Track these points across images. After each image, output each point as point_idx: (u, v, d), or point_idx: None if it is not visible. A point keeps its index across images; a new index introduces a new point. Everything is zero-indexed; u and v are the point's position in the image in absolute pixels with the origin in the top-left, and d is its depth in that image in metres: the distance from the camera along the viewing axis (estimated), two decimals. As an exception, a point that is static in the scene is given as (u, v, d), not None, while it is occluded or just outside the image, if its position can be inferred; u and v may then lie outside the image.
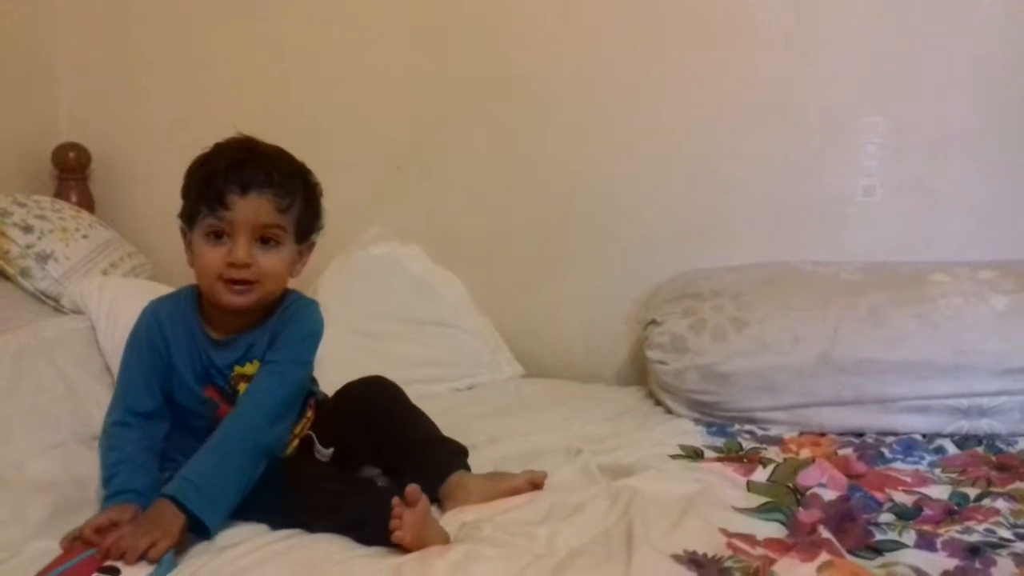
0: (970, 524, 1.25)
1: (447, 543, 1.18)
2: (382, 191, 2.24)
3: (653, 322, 1.87)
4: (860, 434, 1.65)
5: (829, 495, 1.33)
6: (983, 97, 1.92)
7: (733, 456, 1.53)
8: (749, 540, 1.18)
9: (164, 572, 1.09)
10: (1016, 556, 1.13)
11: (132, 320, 1.37)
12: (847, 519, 1.25)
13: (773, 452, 1.55)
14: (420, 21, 2.19)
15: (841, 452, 1.55)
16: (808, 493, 1.34)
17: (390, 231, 2.17)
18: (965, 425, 1.63)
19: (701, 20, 2.03)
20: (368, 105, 2.24)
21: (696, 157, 2.06)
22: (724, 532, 1.20)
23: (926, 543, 1.18)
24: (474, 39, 2.16)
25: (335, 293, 2.05)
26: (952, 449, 1.58)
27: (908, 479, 1.42)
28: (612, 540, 1.18)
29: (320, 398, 1.47)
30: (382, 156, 2.24)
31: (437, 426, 1.46)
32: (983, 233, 1.93)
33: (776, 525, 1.25)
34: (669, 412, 1.80)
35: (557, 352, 2.17)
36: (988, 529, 1.23)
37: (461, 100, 2.19)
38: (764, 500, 1.32)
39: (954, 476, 1.45)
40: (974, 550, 1.14)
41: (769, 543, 1.18)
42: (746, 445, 1.60)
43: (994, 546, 1.16)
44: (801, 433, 1.66)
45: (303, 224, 1.33)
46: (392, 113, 2.23)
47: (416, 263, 2.16)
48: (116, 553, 1.09)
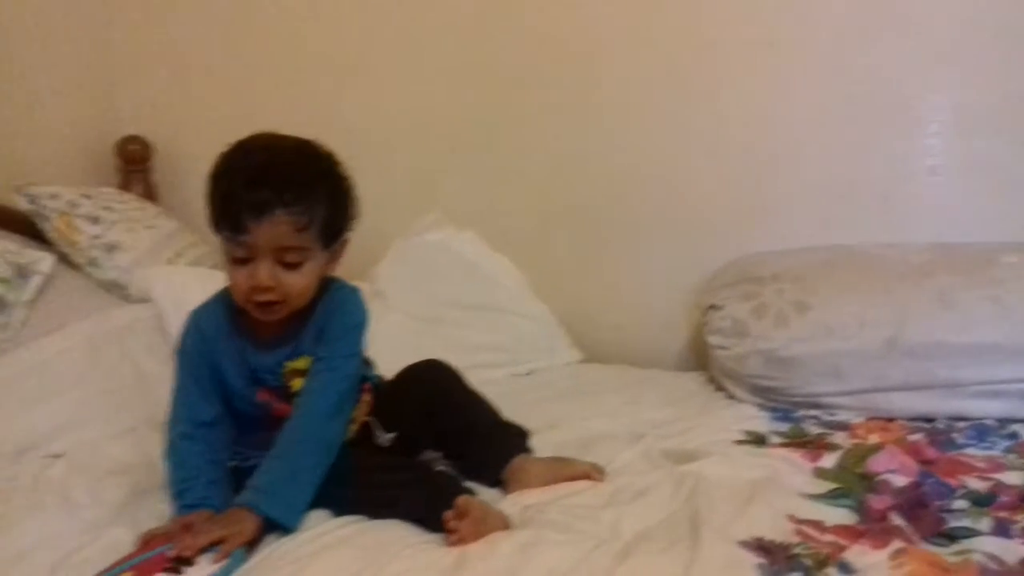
0: (1047, 511, 1.22)
1: (507, 527, 1.18)
2: (437, 177, 2.25)
3: (713, 307, 1.85)
4: (930, 419, 1.61)
5: (900, 481, 1.31)
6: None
7: (799, 442, 1.50)
8: (818, 526, 1.17)
9: (233, 567, 1.10)
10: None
11: (199, 308, 1.39)
12: (919, 506, 1.23)
13: (840, 438, 1.52)
14: (474, 5, 2.19)
15: (911, 438, 1.51)
16: (878, 479, 1.31)
17: (446, 218, 2.18)
18: (1040, 410, 1.59)
19: (759, -1, 2.00)
20: (422, 90, 2.24)
21: (754, 138, 2.03)
22: (792, 518, 1.19)
23: (1002, 530, 1.15)
24: (528, 21, 2.15)
25: (393, 280, 2.07)
26: (1027, 434, 1.54)
27: (982, 465, 1.39)
28: (677, 525, 1.17)
29: (376, 381, 1.46)
30: (437, 141, 2.25)
31: (498, 409, 1.46)
32: (1054, 212, 1.87)
33: (846, 511, 1.23)
34: (731, 397, 1.78)
35: (614, 337, 2.16)
36: (1065, 516, 1.20)
37: (515, 84, 2.18)
38: (833, 486, 1.30)
39: (1029, 462, 1.41)
40: (1052, 537, 1.11)
41: (838, 530, 1.16)
42: (812, 431, 1.57)
43: (1072, 533, 1.13)
44: (869, 418, 1.62)
45: (329, 231, 1.27)
46: (446, 98, 2.23)
47: (472, 249, 2.16)
48: (189, 542, 1.10)
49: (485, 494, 1.30)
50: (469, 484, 1.31)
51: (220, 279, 1.40)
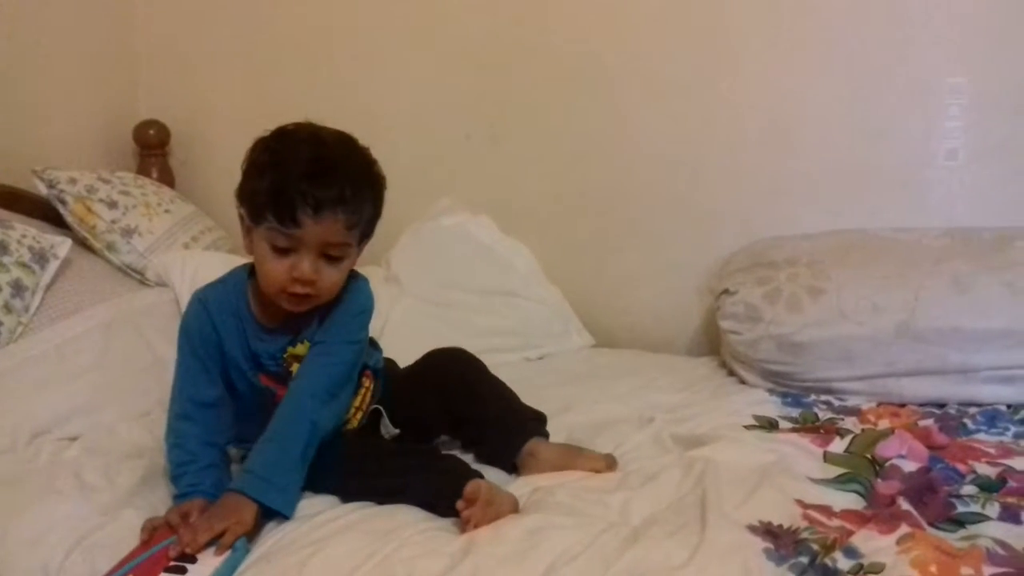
0: (1057, 497, 1.21)
1: (517, 510, 1.19)
2: (451, 162, 2.25)
3: (726, 291, 1.85)
4: (941, 405, 1.61)
5: (909, 467, 1.30)
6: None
7: (809, 427, 1.50)
8: (826, 511, 1.17)
9: (239, 558, 1.11)
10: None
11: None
12: (928, 491, 1.22)
13: (850, 423, 1.52)
14: (489, -9, 2.19)
15: (922, 423, 1.51)
16: (887, 464, 1.31)
17: (460, 202, 2.19)
18: (1053, 395, 1.58)
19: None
20: (437, 75, 2.24)
21: (769, 122, 2.02)
22: (800, 503, 1.19)
23: (1010, 515, 1.15)
24: (546, 7, 2.15)
25: (407, 264, 2.08)
26: (1038, 420, 1.53)
27: (992, 450, 1.38)
28: (686, 509, 1.17)
29: (378, 366, 1.45)
30: (451, 126, 2.25)
31: (516, 395, 1.45)
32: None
33: (854, 496, 1.23)
34: (743, 382, 1.78)
35: (627, 322, 2.16)
36: (1076, 502, 1.19)
37: (530, 69, 2.17)
38: (841, 471, 1.30)
39: (1041, 448, 1.40)
40: (1061, 523, 1.11)
41: (846, 515, 1.16)
42: (822, 416, 1.57)
43: (1082, 519, 1.12)
44: (880, 404, 1.62)
45: (367, 229, 1.29)
46: (461, 83, 2.24)
47: (486, 233, 2.17)
48: (190, 538, 1.10)
49: (496, 476, 1.31)
50: (484, 468, 1.32)
51: (237, 263, 1.41)
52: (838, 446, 1.39)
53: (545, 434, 1.40)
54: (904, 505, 1.16)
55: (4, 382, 1.52)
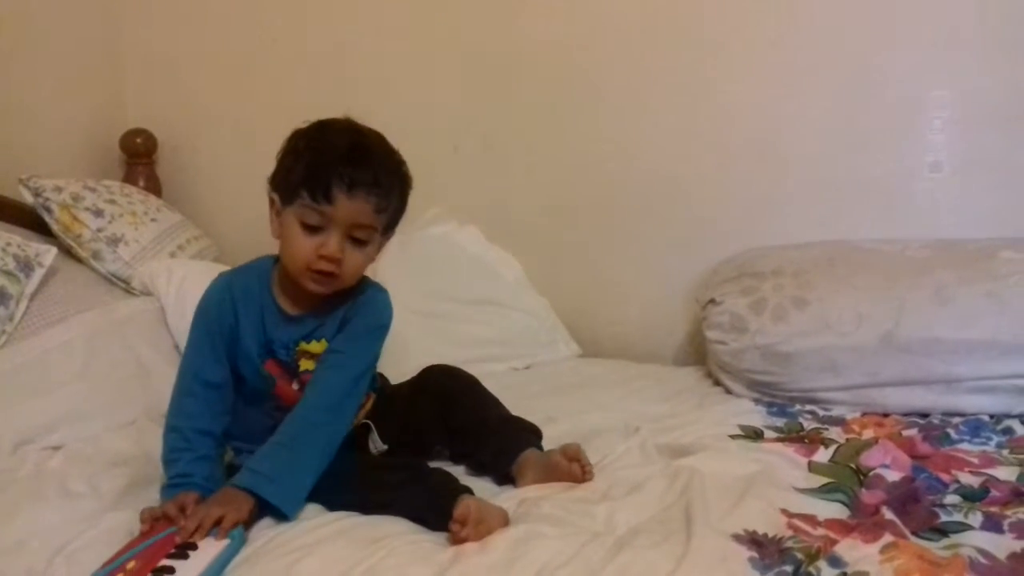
0: (1039, 506, 1.22)
1: (507, 523, 1.19)
2: (439, 171, 2.25)
3: (712, 301, 1.85)
4: (925, 415, 1.62)
5: (893, 476, 1.31)
6: (1055, 69, 1.86)
7: (794, 437, 1.51)
8: (810, 521, 1.17)
9: (235, 548, 1.12)
10: (1087, 539, 1.10)
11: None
12: (911, 500, 1.23)
13: (835, 433, 1.52)
14: (479, 2, 2.19)
15: (905, 433, 1.52)
16: (871, 474, 1.32)
17: (448, 212, 2.19)
18: (1034, 406, 1.59)
19: (761, -8, 2.00)
20: (425, 87, 2.25)
21: (755, 133, 2.04)
22: (785, 512, 1.19)
23: (993, 525, 1.16)
24: (532, 18, 2.16)
25: (394, 273, 2.07)
26: (1021, 430, 1.54)
27: (975, 460, 1.39)
28: (671, 519, 1.18)
29: (376, 386, 1.48)
30: (439, 137, 2.25)
31: (509, 411, 1.46)
32: (1055, 209, 1.87)
33: (838, 506, 1.23)
34: (728, 392, 1.79)
35: (614, 332, 2.17)
36: (1057, 511, 1.20)
37: (517, 81, 2.19)
38: (826, 481, 1.31)
39: (1022, 457, 1.40)
40: (1043, 532, 1.12)
41: (831, 524, 1.17)
42: (807, 425, 1.58)
43: (1063, 529, 1.13)
44: (864, 414, 1.63)
45: (392, 220, 1.35)
46: (448, 93, 2.24)
47: (474, 243, 2.17)
48: (191, 525, 1.13)
49: (485, 487, 1.31)
50: (474, 479, 1.32)
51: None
52: (823, 456, 1.40)
53: (539, 446, 1.40)
54: (888, 514, 1.17)
55: (-12, 390, 1.52)
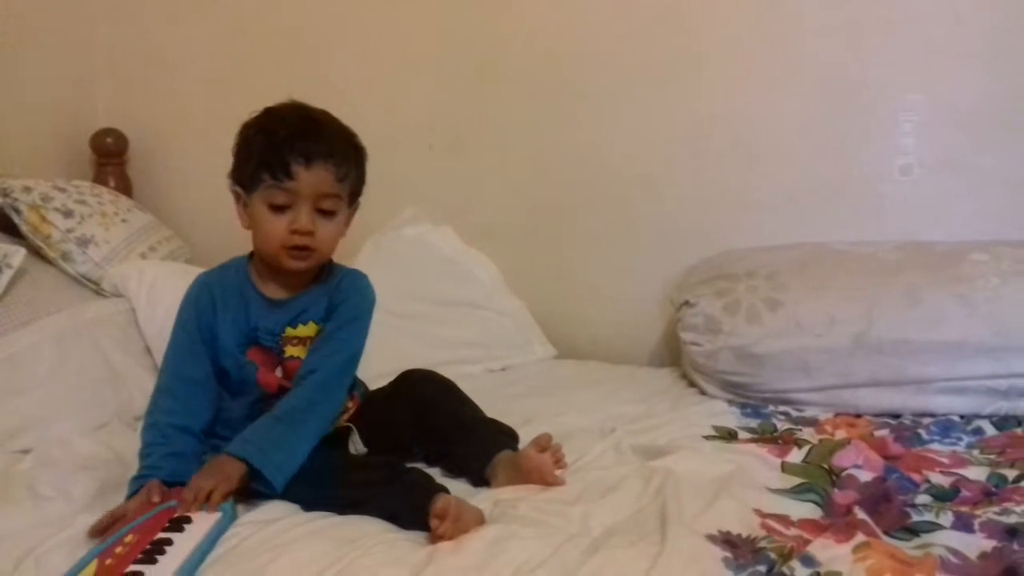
0: (1008, 505, 1.22)
1: (483, 523, 1.18)
2: (414, 171, 2.25)
3: (686, 303, 1.86)
4: (897, 415, 1.64)
5: (865, 476, 1.32)
6: (1023, 73, 1.88)
7: (767, 437, 1.52)
8: (783, 521, 1.18)
9: (228, 521, 1.16)
10: (1055, 538, 1.11)
11: (172, 303, 1.39)
12: (883, 500, 1.24)
13: (808, 433, 1.54)
14: (453, 2, 2.19)
15: (877, 433, 1.54)
16: (844, 474, 1.33)
17: (422, 213, 2.18)
18: (1004, 406, 1.61)
19: (735, -3, 2.01)
20: (399, 85, 2.24)
21: (729, 136, 2.05)
22: (758, 513, 1.20)
23: (963, 524, 1.17)
24: (509, 19, 2.16)
25: (369, 274, 2.05)
26: (990, 430, 1.56)
27: (945, 460, 1.41)
28: (646, 520, 1.18)
29: (361, 392, 1.49)
30: (414, 136, 2.24)
31: (484, 414, 1.47)
32: (1023, 211, 1.89)
33: (811, 506, 1.24)
34: (703, 393, 1.80)
35: (589, 334, 2.17)
36: (1027, 511, 1.22)
37: (492, 80, 2.18)
38: (799, 481, 1.32)
39: (992, 457, 1.43)
40: (1012, 531, 1.13)
41: (804, 524, 1.18)
42: (781, 426, 1.59)
43: (1033, 528, 1.14)
44: (837, 414, 1.65)
45: (355, 189, 1.39)
46: (423, 93, 2.24)
47: (448, 244, 2.17)
48: (190, 503, 1.17)
49: (460, 489, 1.30)
50: (450, 481, 1.32)
51: (194, 274, 1.42)
52: (796, 456, 1.41)
53: (515, 449, 1.40)
54: (860, 514, 1.18)
55: (-45, 394, 1.49)
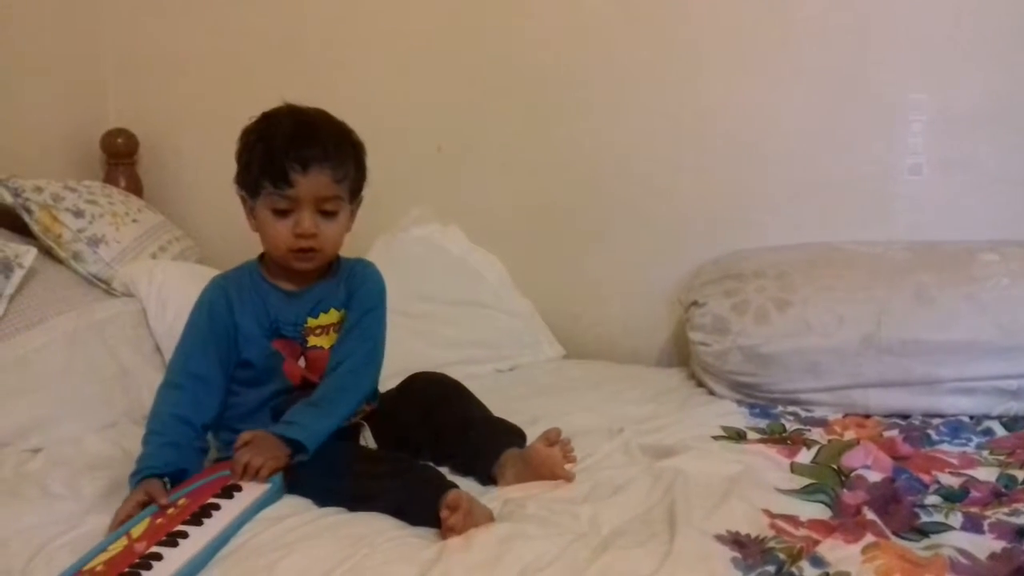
0: (1018, 506, 1.22)
1: (491, 521, 1.19)
2: (423, 172, 2.25)
3: (695, 303, 1.86)
4: (906, 416, 1.63)
5: (874, 477, 1.32)
6: (1034, 71, 1.88)
7: (776, 438, 1.52)
8: (792, 521, 1.18)
9: (275, 495, 1.23)
10: (1066, 539, 1.11)
11: (182, 302, 1.41)
12: (892, 501, 1.24)
13: (817, 434, 1.53)
14: (460, 4, 2.19)
15: (887, 434, 1.53)
16: (853, 475, 1.33)
17: (430, 213, 2.19)
18: (1014, 407, 1.60)
19: (741, -5, 2.01)
20: (409, 87, 2.25)
21: (737, 136, 2.04)
22: (767, 513, 1.20)
23: (973, 525, 1.16)
24: (514, 20, 2.16)
25: (377, 275, 2.07)
26: (1000, 431, 1.56)
27: (955, 461, 1.40)
28: (654, 520, 1.18)
29: (377, 398, 1.51)
30: (423, 137, 2.25)
31: (492, 413, 1.48)
32: (1034, 211, 1.89)
33: (820, 507, 1.24)
34: (711, 393, 1.80)
35: (597, 333, 2.17)
36: (1037, 511, 1.21)
37: (501, 80, 2.18)
38: (808, 481, 1.31)
39: (1002, 458, 1.42)
40: (1021, 532, 1.13)
41: (813, 524, 1.17)
42: (789, 427, 1.59)
43: (1043, 529, 1.14)
44: (846, 415, 1.64)
45: (355, 186, 1.42)
46: (432, 94, 2.24)
47: (457, 244, 2.17)
48: (237, 470, 1.24)
49: (469, 488, 1.30)
50: (463, 480, 1.32)
51: (206, 274, 1.44)
52: (805, 457, 1.41)
53: (522, 447, 1.40)
54: (869, 515, 1.18)
55: (-33, 393, 1.50)
